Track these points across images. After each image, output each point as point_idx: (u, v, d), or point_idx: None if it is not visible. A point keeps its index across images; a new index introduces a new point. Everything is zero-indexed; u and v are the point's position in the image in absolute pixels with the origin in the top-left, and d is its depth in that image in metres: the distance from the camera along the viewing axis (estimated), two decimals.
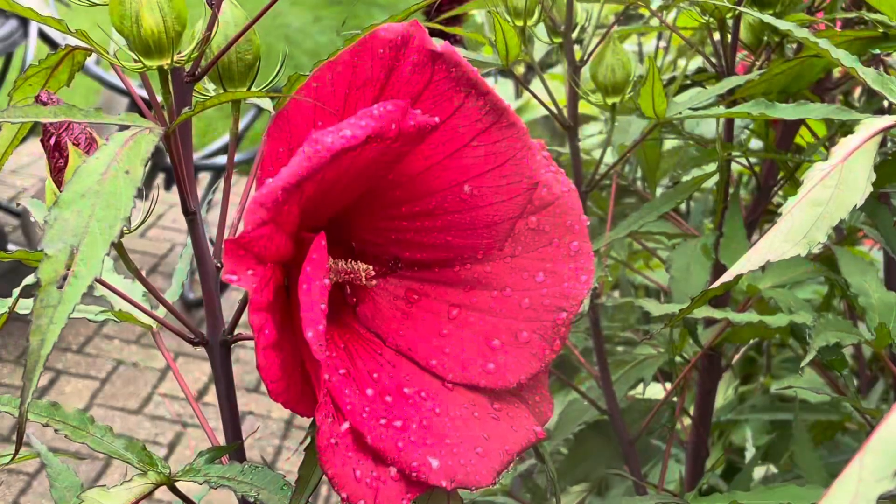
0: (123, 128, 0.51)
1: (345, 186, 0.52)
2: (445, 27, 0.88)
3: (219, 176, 2.83)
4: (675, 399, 0.90)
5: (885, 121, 0.58)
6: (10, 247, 2.80)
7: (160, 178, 3.02)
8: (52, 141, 0.56)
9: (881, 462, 0.33)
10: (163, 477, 0.54)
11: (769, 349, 1.40)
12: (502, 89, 1.59)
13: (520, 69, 1.62)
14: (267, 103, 0.63)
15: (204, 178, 3.18)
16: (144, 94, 0.60)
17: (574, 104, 0.77)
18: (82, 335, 2.79)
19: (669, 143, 1.29)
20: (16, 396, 0.56)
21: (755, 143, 1.06)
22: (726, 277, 0.58)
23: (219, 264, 0.58)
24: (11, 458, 0.50)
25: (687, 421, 0.99)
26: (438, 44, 0.52)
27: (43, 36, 2.61)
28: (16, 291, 0.59)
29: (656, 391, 1.11)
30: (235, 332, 0.59)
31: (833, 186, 0.57)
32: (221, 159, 2.82)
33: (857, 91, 1.06)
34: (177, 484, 0.56)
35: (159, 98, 0.55)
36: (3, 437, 2.24)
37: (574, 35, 0.77)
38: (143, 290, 0.69)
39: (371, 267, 0.55)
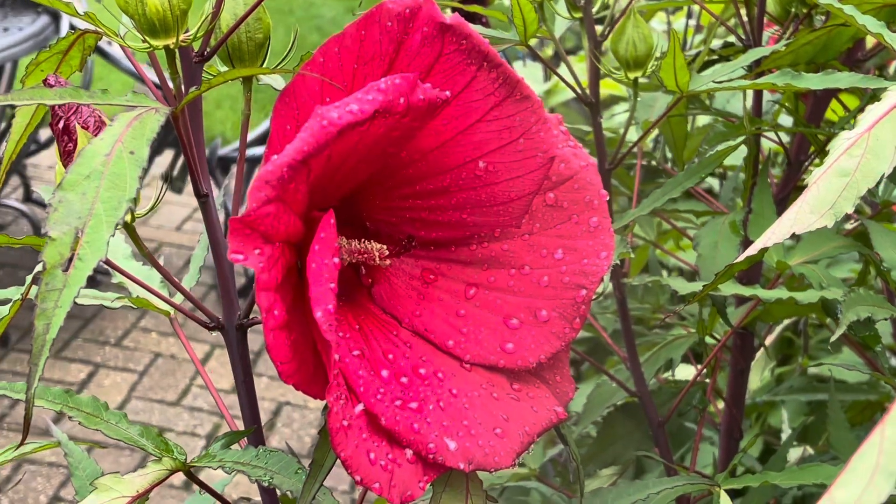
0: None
1: (355, 164, 0.51)
2: (466, 6, 0.87)
3: (255, 166, 2.83)
4: (706, 380, 0.89)
5: None
6: None
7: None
8: (61, 125, 0.55)
9: None
10: (178, 463, 0.54)
11: (806, 329, 1.38)
12: (531, 72, 1.57)
13: (548, 52, 1.61)
14: (279, 82, 0.62)
15: None
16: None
17: (595, 81, 0.75)
18: (120, 328, 2.80)
19: (701, 122, 1.27)
20: (51, 388, 0.55)
21: (786, 118, 1.04)
22: (751, 251, 0.57)
23: None
24: (18, 445, 0.49)
25: (721, 403, 0.98)
26: (447, 15, 0.50)
27: (74, 30, 2.61)
28: (28, 278, 0.59)
29: (688, 373, 1.10)
30: (251, 316, 0.58)
31: (859, 155, 0.55)
32: (259, 150, 2.82)
33: (893, 65, 1.04)
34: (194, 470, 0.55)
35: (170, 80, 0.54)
36: (41, 430, 2.25)
37: (595, 10, 0.75)
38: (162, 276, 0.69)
39: (385, 246, 0.54)
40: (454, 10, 1.21)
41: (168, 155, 3.08)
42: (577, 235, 0.56)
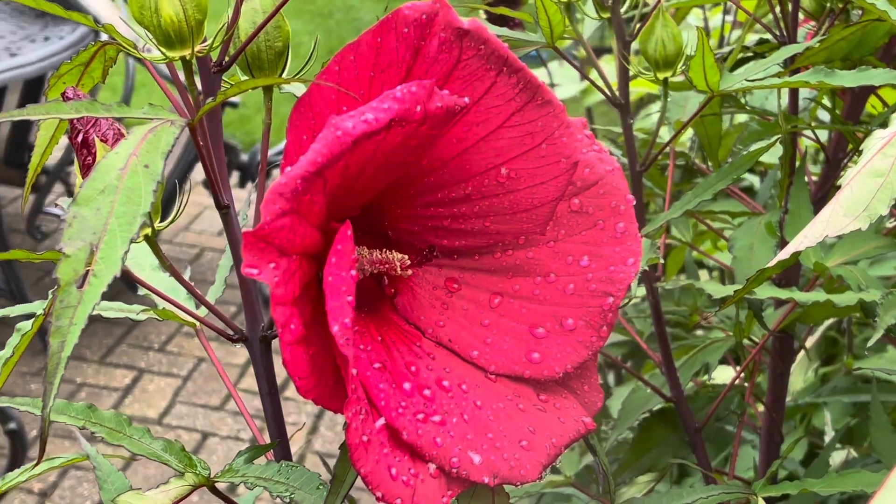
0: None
1: (374, 173, 0.50)
2: (494, 9, 0.86)
3: None
4: (745, 384, 0.87)
5: None
6: None
7: (235, 177, 3.04)
8: (80, 138, 0.55)
9: None
10: (202, 478, 0.53)
11: (850, 328, 1.35)
12: (567, 72, 1.56)
13: (582, 53, 1.59)
14: (300, 90, 0.61)
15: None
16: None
17: (625, 81, 0.74)
18: (164, 334, 2.82)
19: (740, 119, 1.25)
20: (100, 395, 0.55)
21: (824, 115, 1.02)
22: (783, 255, 0.56)
23: None
24: (35, 464, 0.49)
25: (762, 406, 0.96)
26: (465, 20, 0.49)
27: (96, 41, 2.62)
28: (51, 293, 0.58)
29: (728, 376, 1.08)
30: (275, 327, 0.58)
31: (893, 155, 0.54)
32: None
33: None
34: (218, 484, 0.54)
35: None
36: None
37: (623, 10, 0.74)
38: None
39: (406, 256, 0.53)
40: (486, 13, 1.20)
41: None
42: (604, 242, 0.55)
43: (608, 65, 1.57)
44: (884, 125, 0.65)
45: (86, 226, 0.45)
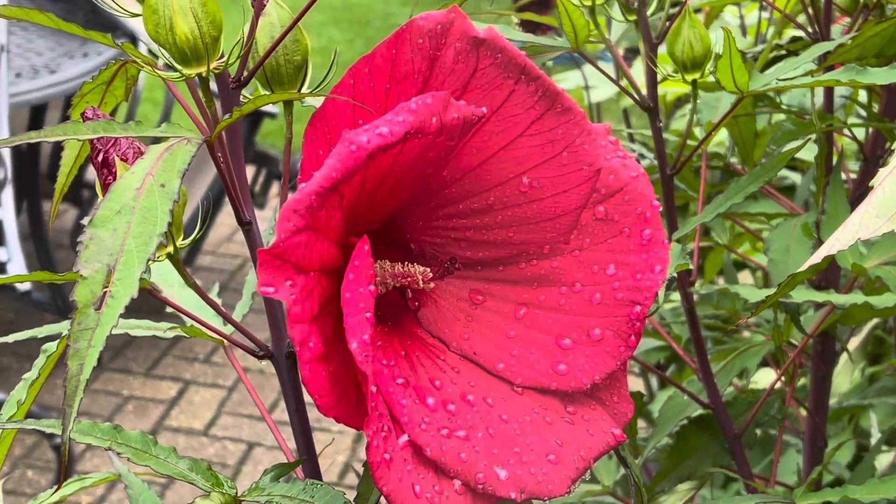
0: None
1: (392, 186, 0.50)
2: (521, 14, 0.85)
3: None
4: (787, 388, 0.86)
5: None
6: None
7: (276, 187, 3.05)
8: (100, 158, 0.54)
9: None
10: (228, 497, 0.53)
11: None
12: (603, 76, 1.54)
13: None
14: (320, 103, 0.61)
15: None
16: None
17: (653, 84, 0.73)
18: (209, 345, 2.83)
19: (778, 118, 1.23)
20: (146, 407, 0.55)
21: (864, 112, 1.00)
22: (814, 259, 0.54)
23: None
24: (56, 489, 0.48)
25: (804, 411, 0.94)
26: (480, 28, 0.49)
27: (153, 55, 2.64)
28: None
29: (770, 380, 1.06)
30: None
31: None
32: None
33: None
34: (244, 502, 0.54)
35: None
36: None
37: (650, 12, 0.73)
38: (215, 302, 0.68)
39: (428, 269, 0.53)
40: (520, 21, 1.19)
41: (248, 171, 3.10)
42: (630, 249, 0.54)
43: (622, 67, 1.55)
44: None
45: (102, 247, 0.45)
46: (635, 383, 2.19)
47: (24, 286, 2.22)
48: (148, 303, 0.58)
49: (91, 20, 2.53)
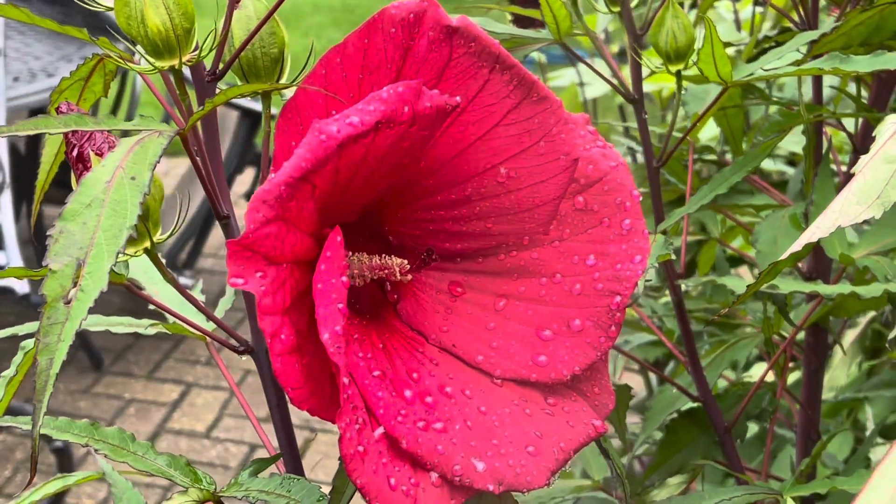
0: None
1: (367, 177, 0.49)
2: (507, 8, 0.84)
3: None
4: (778, 381, 0.85)
5: None
6: None
7: None
8: (75, 153, 0.54)
9: None
10: (206, 493, 0.52)
11: (894, 320, 1.32)
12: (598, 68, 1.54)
13: (613, 48, 1.58)
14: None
15: None
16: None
17: (638, 76, 0.72)
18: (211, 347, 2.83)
19: (773, 110, 1.23)
20: (148, 410, 0.55)
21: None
22: (795, 247, 0.54)
23: None
24: (27, 485, 0.48)
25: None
26: (453, 18, 0.48)
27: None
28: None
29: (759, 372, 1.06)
30: None
31: None
32: None
33: None
34: (224, 499, 0.54)
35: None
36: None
37: (634, 3, 0.72)
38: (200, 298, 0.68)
39: (405, 261, 0.52)
40: (514, 17, 1.18)
41: (250, 173, 3.10)
42: (610, 240, 0.53)
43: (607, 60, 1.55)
44: None
45: (72, 241, 0.45)
46: (636, 380, 2.19)
47: (24, 289, 2.21)
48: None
49: (90, 23, 2.53)
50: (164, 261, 0.56)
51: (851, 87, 0.92)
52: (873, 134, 0.54)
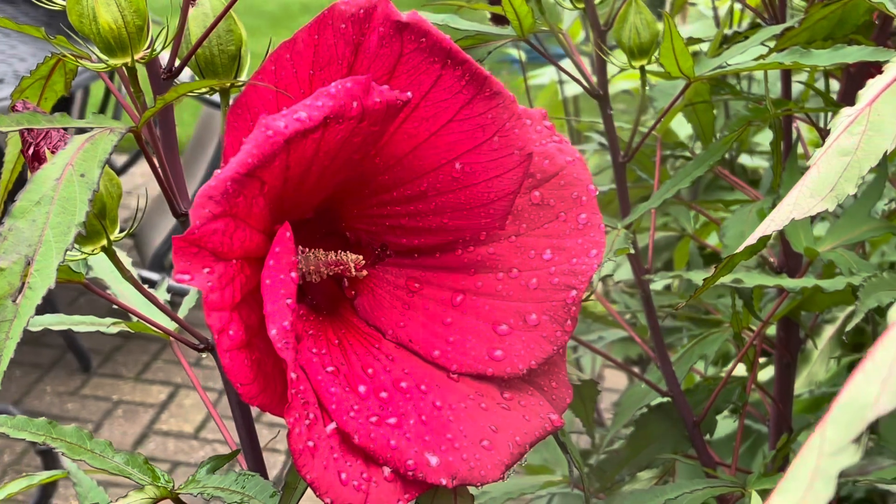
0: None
1: (320, 173, 0.49)
2: (475, 6, 0.84)
3: None
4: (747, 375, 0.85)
5: None
6: None
7: None
8: (31, 151, 0.54)
9: (842, 433, 0.29)
10: (163, 490, 0.52)
11: (874, 315, 1.32)
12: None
13: (589, 48, 1.57)
14: None
15: None
16: None
17: (603, 72, 0.72)
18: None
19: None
20: (136, 411, 0.55)
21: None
22: (750, 240, 0.54)
23: None
24: None
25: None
26: (403, 13, 0.48)
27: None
28: None
29: (739, 368, 1.06)
30: None
31: (860, 133, 0.52)
32: None
33: None
34: (188, 497, 0.54)
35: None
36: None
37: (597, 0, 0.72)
38: (165, 297, 0.68)
39: (360, 257, 0.52)
40: (491, 15, 1.18)
41: None
42: (566, 234, 0.54)
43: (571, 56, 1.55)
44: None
45: (21, 238, 0.45)
46: (618, 376, 2.19)
47: None
48: None
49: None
50: (150, 261, 0.56)
51: (830, 83, 0.92)
52: (828, 127, 0.54)
